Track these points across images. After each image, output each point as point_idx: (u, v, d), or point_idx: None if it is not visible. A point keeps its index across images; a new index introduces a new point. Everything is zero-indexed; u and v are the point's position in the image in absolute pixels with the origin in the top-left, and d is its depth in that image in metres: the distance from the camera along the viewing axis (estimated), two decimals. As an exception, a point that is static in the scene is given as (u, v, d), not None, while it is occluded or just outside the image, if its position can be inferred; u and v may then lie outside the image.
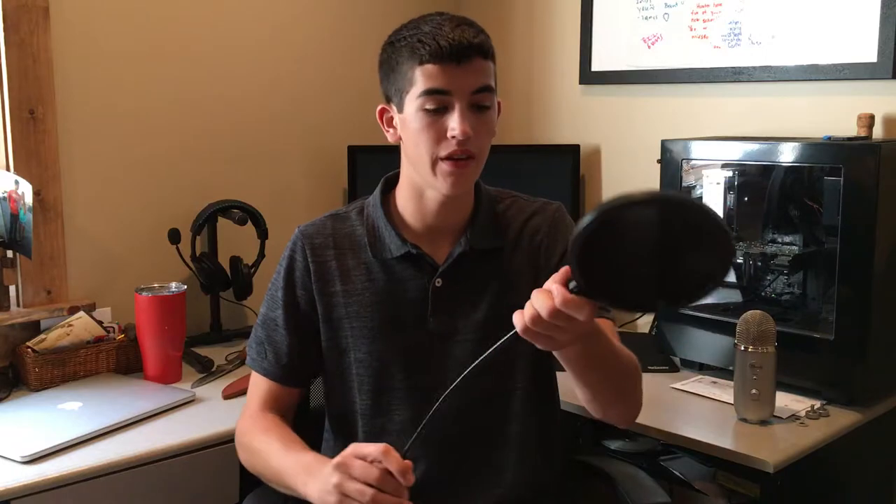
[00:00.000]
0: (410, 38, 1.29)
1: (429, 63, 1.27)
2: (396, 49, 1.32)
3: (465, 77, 1.28)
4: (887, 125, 1.97)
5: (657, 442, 1.83)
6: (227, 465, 1.73)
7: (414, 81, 1.29)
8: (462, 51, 1.26)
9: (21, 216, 1.94)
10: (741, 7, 2.17)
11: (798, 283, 1.95)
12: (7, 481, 1.47)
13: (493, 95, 1.33)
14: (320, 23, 2.53)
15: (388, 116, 1.38)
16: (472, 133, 1.29)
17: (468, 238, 1.41)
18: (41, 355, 1.91)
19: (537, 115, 2.65)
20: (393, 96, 1.35)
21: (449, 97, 1.28)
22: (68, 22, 2.04)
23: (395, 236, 1.40)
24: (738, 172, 2.01)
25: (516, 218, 1.47)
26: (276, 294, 1.45)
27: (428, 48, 1.26)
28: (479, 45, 1.28)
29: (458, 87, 1.28)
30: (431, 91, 1.28)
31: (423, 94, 1.28)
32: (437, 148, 1.30)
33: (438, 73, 1.27)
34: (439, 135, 1.30)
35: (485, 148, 1.35)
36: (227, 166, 2.36)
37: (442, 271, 1.40)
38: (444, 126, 1.29)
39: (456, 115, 1.28)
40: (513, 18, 2.67)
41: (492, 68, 1.33)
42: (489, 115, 1.33)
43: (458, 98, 1.28)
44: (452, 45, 1.26)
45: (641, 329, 2.40)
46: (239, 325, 2.35)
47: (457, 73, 1.27)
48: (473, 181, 1.39)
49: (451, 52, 1.26)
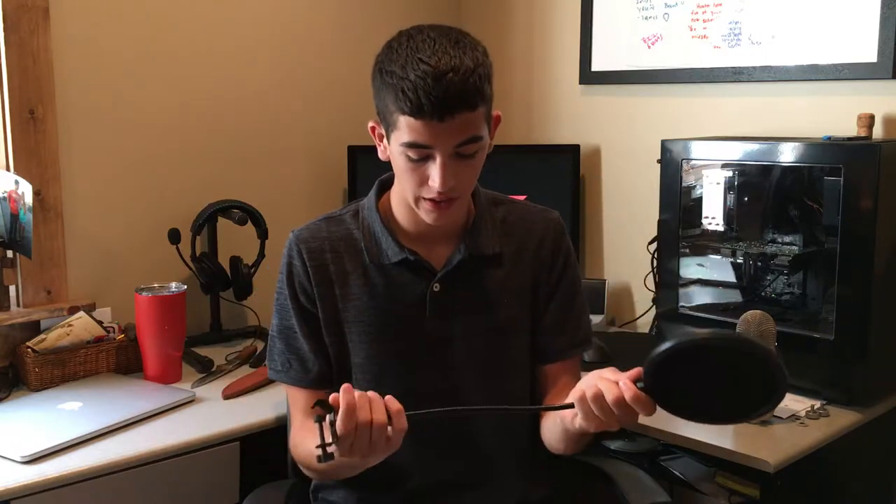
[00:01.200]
0: (396, 83, 1.23)
1: (410, 117, 1.22)
2: (384, 81, 1.26)
3: (447, 132, 1.23)
4: (887, 125, 1.97)
5: (657, 442, 1.83)
6: (227, 465, 1.73)
7: (398, 127, 1.26)
8: (445, 109, 1.21)
9: (21, 216, 1.94)
10: (741, 7, 2.17)
11: (798, 283, 1.95)
12: (7, 481, 1.47)
13: (479, 143, 1.28)
14: (320, 23, 2.53)
15: (379, 133, 1.35)
16: (453, 183, 1.27)
17: (467, 245, 1.40)
18: (41, 355, 1.91)
19: (537, 115, 2.65)
20: (380, 119, 1.32)
21: (431, 150, 1.25)
22: (68, 22, 2.04)
23: (393, 242, 1.39)
24: (738, 172, 2.01)
25: (516, 225, 1.46)
26: (286, 303, 1.43)
27: (410, 103, 1.21)
28: (464, 101, 1.22)
29: (440, 142, 1.24)
30: (412, 144, 1.25)
31: (405, 144, 1.25)
32: (418, 190, 1.30)
33: (420, 128, 1.23)
34: (422, 179, 1.28)
35: (468, 187, 1.35)
36: (227, 166, 2.36)
37: (440, 277, 1.40)
38: (425, 173, 1.27)
39: (437, 168, 1.25)
40: (513, 18, 2.67)
41: (481, 115, 1.26)
42: (475, 161, 1.30)
43: (440, 151, 1.25)
44: (434, 104, 1.20)
45: (641, 329, 2.40)
46: (239, 325, 2.35)
47: (439, 128, 1.22)
48: (459, 214, 1.39)
49: (432, 109, 1.20)
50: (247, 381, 1.94)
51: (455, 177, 1.27)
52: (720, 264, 2.06)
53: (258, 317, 2.33)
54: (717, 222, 2.04)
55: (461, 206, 1.36)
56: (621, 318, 2.48)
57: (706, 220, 2.05)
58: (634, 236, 2.35)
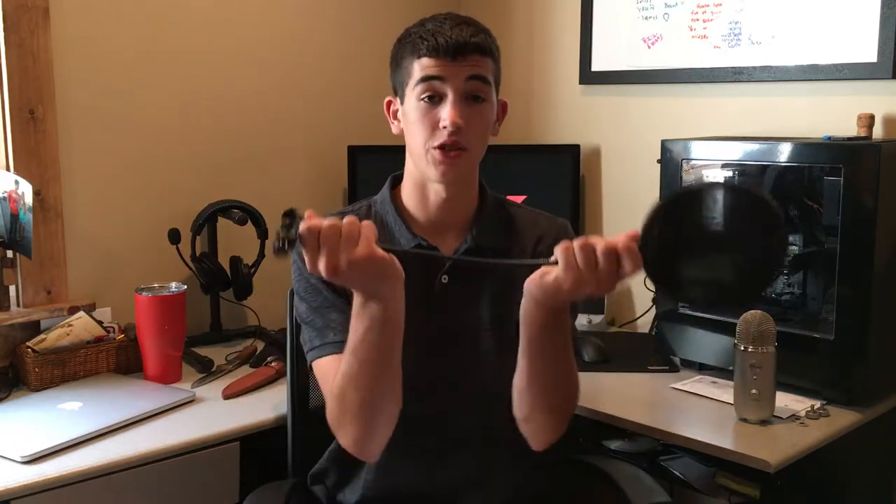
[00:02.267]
0: (413, 35, 1.35)
1: (425, 57, 1.33)
2: (402, 45, 1.38)
3: (459, 68, 1.33)
4: (887, 125, 1.97)
5: (657, 442, 1.83)
6: (227, 465, 1.73)
7: (412, 73, 1.35)
8: (458, 47, 1.32)
9: (21, 216, 1.94)
10: (741, 7, 2.17)
11: (798, 283, 1.95)
12: (7, 481, 1.47)
13: (488, 88, 1.36)
14: (321, 23, 2.53)
15: (393, 108, 1.43)
16: (462, 123, 1.32)
17: (474, 235, 1.42)
18: (41, 355, 1.91)
19: (537, 115, 2.65)
20: (397, 88, 1.41)
21: (442, 84, 1.33)
22: (68, 22, 2.04)
23: (405, 230, 1.41)
24: (738, 172, 2.01)
25: (523, 223, 1.48)
26: (311, 281, 1.39)
27: (426, 43, 1.32)
28: (475, 43, 1.33)
29: (451, 75, 1.32)
30: (425, 78, 1.33)
31: (419, 82, 1.34)
32: (430, 138, 1.34)
33: (434, 64, 1.33)
34: (433, 124, 1.34)
35: (477, 142, 1.37)
36: (227, 166, 2.36)
37: (448, 267, 1.41)
38: (437, 117, 1.33)
39: (447, 106, 1.33)
40: (513, 18, 2.67)
41: (490, 65, 1.36)
42: (483, 109, 1.35)
43: (451, 86, 1.33)
44: (449, 42, 1.31)
45: (641, 329, 2.40)
46: (239, 325, 2.35)
47: (451, 65, 1.32)
48: (465, 174, 1.40)
49: (446, 47, 1.31)
50: (247, 381, 1.94)
51: (464, 119, 1.32)
52: (720, 264, 2.05)
53: (258, 317, 2.33)
54: (717, 222, 2.04)
55: (468, 163, 1.37)
56: (621, 318, 2.48)
57: (706, 220, 2.05)
58: (634, 236, 2.35)
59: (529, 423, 1.36)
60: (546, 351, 1.28)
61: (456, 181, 1.38)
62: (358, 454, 1.34)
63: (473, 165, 1.41)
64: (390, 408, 1.29)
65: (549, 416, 1.35)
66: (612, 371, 2.02)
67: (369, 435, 1.30)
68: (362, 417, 1.28)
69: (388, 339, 1.23)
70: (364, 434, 1.30)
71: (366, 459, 1.37)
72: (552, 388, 1.33)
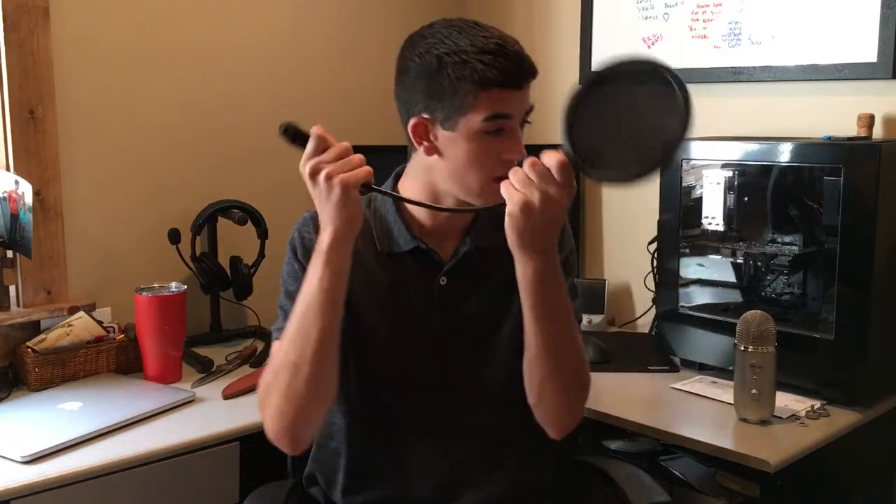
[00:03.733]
0: (471, 60, 1.25)
1: (496, 88, 1.26)
2: (446, 65, 1.26)
3: (523, 100, 1.30)
4: (887, 125, 1.97)
5: (657, 442, 1.83)
6: (227, 465, 1.73)
7: (475, 105, 1.26)
8: (522, 76, 1.28)
9: (21, 216, 1.94)
10: (741, 7, 2.17)
11: (798, 283, 1.95)
12: (7, 481, 1.47)
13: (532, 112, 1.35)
14: (321, 23, 2.53)
15: (429, 130, 1.33)
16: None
17: (473, 237, 1.41)
18: (41, 355, 1.91)
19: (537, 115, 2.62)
20: (438, 112, 1.29)
21: (509, 120, 1.29)
22: (68, 22, 2.04)
23: (405, 230, 1.40)
24: (738, 172, 2.01)
25: None
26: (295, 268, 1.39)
27: (494, 72, 1.25)
28: (531, 68, 1.30)
29: (517, 109, 1.30)
30: (496, 116, 1.27)
31: (488, 118, 1.27)
32: (491, 169, 1.30)
33: (504, 97, 1.27)
34: (497, 155, 1.30)
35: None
36: (227, 166, 2.36)
37: (447, 269, 1.41)
38: (498, 148, 1.30)
39: (513, 138, 1.30)
40: (513, 18, 2.67)
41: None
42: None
43: (516, 119, 1.30)
44: (515, 73, 1.27)
45: (641, 329, 2.40)
46: (239, 325, 2.35)
47: (517, 97, 1.29)
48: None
49: (516, 75, 1.27)
50: (247, 381, 1.94)
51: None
52: (720, 264, 2.06)
53: (258, 317, 2.33)
54: (717, 222, 2.04)
55: None
56: (621, 318, 2.48)
57: (706, 220, 2.05)
58: (634, 236, 2.35)
59: (542, 405, 1.35)
60: (548, 313, 1.27)
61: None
62: (280, 441, 1.31)
63: None
64: (322, 388, 1.27)
65: (561, 395, 1.34)
66: (612, 371, 2.02)
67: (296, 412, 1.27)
68: (289, 391, 1.26)
69: (329, 304, 1.23)
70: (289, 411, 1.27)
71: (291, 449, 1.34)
72: (560, 358, 1.31)
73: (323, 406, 1.31)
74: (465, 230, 1.43)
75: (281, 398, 1.28)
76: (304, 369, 1.25)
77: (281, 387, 1.27)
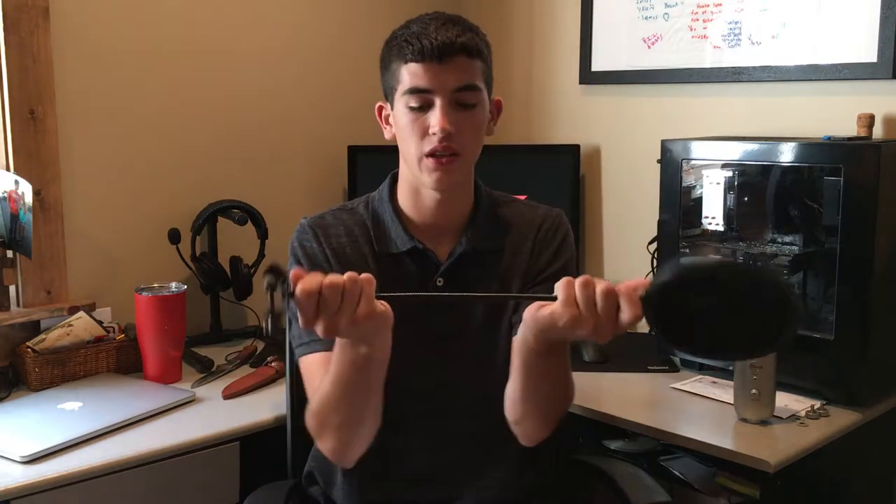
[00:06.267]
0: (399, 38, 1.33)
1: (412, 62, 1.31)
2: (389, 48, 1.36)
3: (446, 75, 1.31)
4: (887, 125, 1.97)
5: (657, 442, 1.83)
6: (227, 465, 1.73)
7: (400, 79, 1.33)
8: (444, 50, 1.30)
9: (21, 216, 1.94)
10: (741, 7, 2.17)
11: (798, 283, 1.95)
12: (7, 481, 1.47)
13: (479, 94, 1.34)
14: (321, 23, 2.53)
15: (385, 114, 1.42)
16: (452, 129, 1.31)
17: (468, 238, 1.41)
18: (41, 355, 1.91)
19: (537, 115, 2.65)
20: (387, 94, 1.39)
21: (431, 95, 1.32)
22: (68, 22, 2.04)
23: (402, 231, 1.41)
24: (738, 172, 2.01)
25: (517, 221, 1.47)
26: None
27: (412, 47, 1.30)
28: (462, 45, 1.31)
29: (438, 84, 1.31)
30: (414, 90, 1.32)
31: (407, 91, 1.32)
32: (421, 144, 1.33)
33: (421, 71, 1.31)
34: (423, 131, 1.33)
35: (470, 146, 1.36)
36: (227, 166, 2.36)
37: (443, 270, 1.41)
38: (426, 123, 1.32)
39: (436, 112, 1.31)
40: (513, 18, 2.67)
41: (479, 67, 1.34)
42: (474, 113, 1.34)
43: (439, 95, 1.31)
44: (434, 45, 1.29)
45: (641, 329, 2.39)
46: (239, 325, 2.35)
47: (438, 71, 1.30)
48: (460, 178, 1.39)
49: (432, 50, 1.29)
50: (247, 381, 1.94)
51: (455, 125, 1.31)
52: (720, 264, 2.06)
53: (258, 317, 2.33)
54: (717, 222, 2.04)
55: (462, 168, 1.36)
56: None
57: (706, 220, 2.05)
58: (634, 236, 2.35)
59: (520, 426, 1.37)
60: (541, 373, 1.28)
61: (450, 187, 1.38)
62: (336, 462, 1.37)
63: (468, 169, 1.40)
64: (369, 424, 1.30)
65: (542, 421, 1.36)
66: (612, 371, 2.02)
67: (347, 447, 1.32)
68: (340, 435, 1.30)
69: (370, 375, 1.23)
70: (342, 447, 1.32)
71: (343, 466, 1.40)
72: (545, 401, 1.34)
73: (374, 427, 1.31)
74: (461, 231, 1.43)
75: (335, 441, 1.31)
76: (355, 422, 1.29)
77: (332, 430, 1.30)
